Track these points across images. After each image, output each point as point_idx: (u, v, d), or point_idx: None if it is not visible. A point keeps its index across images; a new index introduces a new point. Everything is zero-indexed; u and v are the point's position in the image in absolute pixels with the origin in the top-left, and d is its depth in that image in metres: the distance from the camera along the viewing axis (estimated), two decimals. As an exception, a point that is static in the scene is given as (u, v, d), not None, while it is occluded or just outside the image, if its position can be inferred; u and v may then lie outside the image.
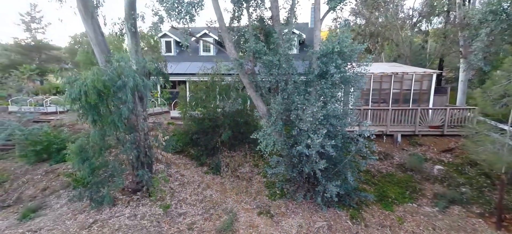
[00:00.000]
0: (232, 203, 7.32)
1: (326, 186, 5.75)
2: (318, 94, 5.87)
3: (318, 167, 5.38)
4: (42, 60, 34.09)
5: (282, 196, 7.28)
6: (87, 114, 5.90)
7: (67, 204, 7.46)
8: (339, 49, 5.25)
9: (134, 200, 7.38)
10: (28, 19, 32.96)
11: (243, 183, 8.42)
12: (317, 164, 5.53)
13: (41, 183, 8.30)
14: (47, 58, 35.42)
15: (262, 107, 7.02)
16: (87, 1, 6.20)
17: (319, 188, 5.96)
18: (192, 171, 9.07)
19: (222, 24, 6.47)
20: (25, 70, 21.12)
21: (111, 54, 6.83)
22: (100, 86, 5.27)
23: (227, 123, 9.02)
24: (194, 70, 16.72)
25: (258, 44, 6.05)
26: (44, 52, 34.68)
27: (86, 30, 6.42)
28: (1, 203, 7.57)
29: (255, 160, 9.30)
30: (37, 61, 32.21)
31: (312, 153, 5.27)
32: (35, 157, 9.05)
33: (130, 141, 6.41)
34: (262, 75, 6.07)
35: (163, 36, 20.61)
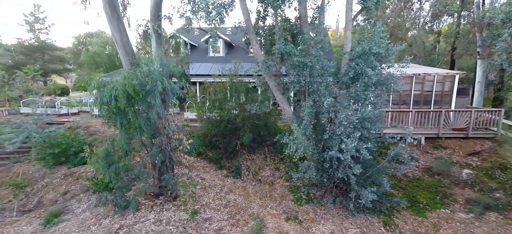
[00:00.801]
0: (257, 208, 7.15)
1: (360, 192, 5.57)
2: (350, 96, 5.69)
3: (353, 172, 5.21)
4: (45, 61, 34.11)
5: (308, 201, 7.10)
6: (115, 119, 5.77)
7: (89, 208, 7.34)
8: (376, 50, 5.07)
9: (157, 204, 7.24)
10: (32, 19, 32.98)
11: (266, 187, 8.25)
12: (350, 169, 5.36)
13: (61, 186, 8.19)
14: (50, 59, 35.44)
15: (288, 110, 6.85)
16: (114, 2, 6.07)
17: (351, 194, 5.79)
18: (212, 174, 8.92)
19: (249, 25, 6.32)
20: (29, 71, 21.07)
21: (135, 56, 6.70)
22: (130, 90, 5.13)
23: (247, 125, 8.86)
24: (205, 71, 16.62)
25: (288, 46, 5.89)
26: (47, 53, 34.71)
27: (112, 32, 6.29)
28: (22, 208, 7.46)
29: (276, 163, 9.13)
30: (40, 61, 32.21)
31: (347, 158, 5.10)
32: (54, 160, 8.95)
33: (157, 144, 6.27)
34: (291, 77, 5.91)
35: (172, 37, 20.52)
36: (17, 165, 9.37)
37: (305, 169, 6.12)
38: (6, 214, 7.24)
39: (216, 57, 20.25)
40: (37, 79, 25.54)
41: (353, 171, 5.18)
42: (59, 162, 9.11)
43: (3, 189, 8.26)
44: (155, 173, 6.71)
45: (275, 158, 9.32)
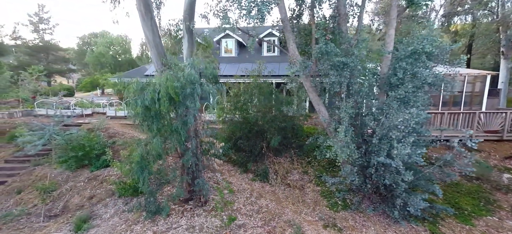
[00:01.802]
0: (291, 214, 6.89)
1: (409, 199, 5.29)
2: (397, 98, 5.41)
3: (404, 179, 4.93)
4: (49, 61, 34.02)
5: (345, 207, 6.83)
6: (151, 122, 5.54)
7: (117, 213, 7.13)
8: (430, 49, 4.79)
9: (187, 209, 7.01)
10: (36, 19, 32.86)
11: (296, 191, 7.99)
12: (400, 175, 5.08)
13: (86, 190, 8.00)
14: (54, 59, 35.29)
15: (324, 113, 6.59)
16: (148, 1, 5.85)
17: (397, 201, 5.50)
18: (238, 178, 8.67)
19: (287, 24, 6.06)
20: (34, 71, 20.95)
21: (166, 57, 6.48)
22: (172, 93, 4.91)
23: (274, 127, 8.61)
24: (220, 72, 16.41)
25: (329, 45, 5.63)
26: (52, 53, 34.59)
27: (144, 32, 6.07)
28: (48, 213, 7.28)
29: (304, 167, 8.87)
30: (44, 62, 32.11)
31: (399, 164, 4.82)
32: (76, 163, 8.77)
33: (191, 148, 6.04)
34: (332, 78, 5.64)
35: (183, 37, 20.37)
36: (38, 168, 9.21)
37: (346, 174, 5.85)
38: (32, 219, 7.06)
39: (227, 58, 20.03)
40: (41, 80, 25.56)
41: (404, 178, 4.91)
42: (81, 164, 8.93)
43: (26, 193, 8.10)
44: (188, 177, 6.47)
45: (302, 161, 9.06)
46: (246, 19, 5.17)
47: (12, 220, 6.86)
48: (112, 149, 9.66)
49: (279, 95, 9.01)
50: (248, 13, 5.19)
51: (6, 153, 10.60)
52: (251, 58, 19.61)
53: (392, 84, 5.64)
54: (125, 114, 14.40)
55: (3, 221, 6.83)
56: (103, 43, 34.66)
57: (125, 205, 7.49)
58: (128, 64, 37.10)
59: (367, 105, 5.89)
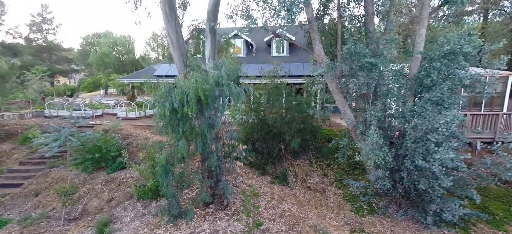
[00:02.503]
0: (315, 218, 6.74)
1: (444, 205, 5.13)
2: (430, 100, 5.25)
3: (443, 184, 4.77)
4: (53, 62, 33.98)
5: (371, 211, 6.67)
6: (177, 125, 5.43)
7: (137, 217, 7.03)
8: (469, 49, 4.63)
9: (209, 213, 6.88)
10: (40, 20, 32.79)
11: (317, 195, 7.84)
12: (436, 181, 4.92)
13: (104, 193, 7.91)
14: (57, 59, 35.21)
15: (350, 115, 6.44)
16: (173, 1, 5.73)
17: (432, 206, 5.34)
18: (256, 180, 8.54)
19: (313, 25, 5.92)
20: (37, 71, 20.93)
21: (188, 58, 6.36)
22: (201, 95, 4.79)
23: (293, 129, 8.46)
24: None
25: (358, 46, 5.48)
26: (55, 53, 34.53)
27: (168, 32, 5.96)
28: (67, 216, 7.19)
29: (323, 169, 8.72)
30: (47, 62, 32.06)
31: (438, 168, 4.66)
32: (93, 165, 8.69)
33: (216, 151, 5.92)
34: (361, 79, 5.49)
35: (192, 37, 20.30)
36: (53, 170, 9.14)
37: (376, 178, 5.70)
38: (52, 222, 6.98)
39: (235, 58, 19.88)
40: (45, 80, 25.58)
41: (441, 183, 4.75)
42: (97, 167, 8.84)
43: (44, 196, 8.02)
44: (211, 181, 6.35)
45: (321, 164, 8.91)
46: (274, 19, 5.04)
47: (32, 224, 6.77)
48: (126, 150, 9.57)
49: (297, 96, 8.87)
50: (277, 14, 5.05)
51: (20, 155, 10.55)
52: (259, 58, 19.49)
53: (423, 86, 5.48)
54: (136, 115, 14.34)
55: (23, 225, 6.75)
56: (106, 43, 34.57)
57: (144, 208, 7.39)
58: (131, 65, 37.08)
59: (396, 108, 5.72)
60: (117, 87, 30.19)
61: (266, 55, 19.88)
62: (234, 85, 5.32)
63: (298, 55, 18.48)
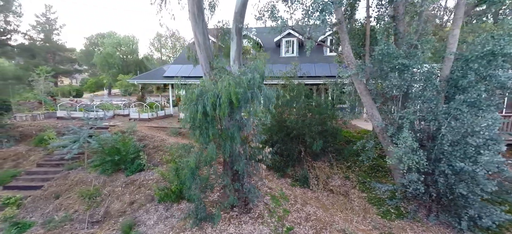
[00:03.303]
0: (342, 222, 6.63)
1: (482, 210, 4.99)
2: (466, 102, 5.11)
3: (486, 189, 4.64)
4: (56, 62, 34.06)
5: (399, 215, 6.54)
6: (207, 128, 5.35)
7: (161, 219, 6.96)
8: (510, 50, 4.49)
9: (233, 217, 6.80)
10: (43, 20, 32.81)
11: (340, 198, 7.73)
12: (477, 185, 4.78)
13: (125, 195, 7.86)
14: (60, 60, 35.24)
15: (377, 117, 6.32)
16: (201, 2, 5.66)
17: (470, 211, 5.20)
18: (276, 183, 8.44)
19: (343, 26, 5.81)
20: (41, 72, 21.02)
21: (214, 59, 6.28)
22: (234, 98, 4.70)
23: (314, 131, 8.36)
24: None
25: (390, 46, 5.36)
26: (58, 54, 34.60)
27: (195, 35, 5.89)
28: (90, 218, 7.15)
29: (344, 172, 8.60)
30: (51, 63, 32.10)
31: (482, 172, 4.53)
32: (112, 167, 8.65)
33: (244, 154, 5.84)
34: (394, 81, 5.37)
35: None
36: (72, 172, 9.12)
37: (409, 181, 5.57)
38: (76, 225, 6.94)
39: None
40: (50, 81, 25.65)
41: (485, 188, 4.61)
42: (117, 169, 8.80)
43: (64, 198, 7.99)
44: (238, 184, 6.27)
45: (342, 166, 8.79)
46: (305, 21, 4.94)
47: (56, 227, 6.74)
48: (144, 152, 9.53)
49: (317, 97, 8.76)
50: (309, 16, 4.96)
51: (37, 157, 10.56)
52: (268, 59, 19.37)
53: (457, 87, 5.34)
54: (148, 116, 14.31)
55: (47, 228, 6.72)
56: (110, 43, 34.53)
57: (166, 211, 7.32)
58: (135, 65, 37.08)
59: (428, 109, 5.58)
60: (125, 87, 30.26)
61: (275, 56, 19.76)
62: (266, 87, 5.23)
63: (308, 56, 18.38)
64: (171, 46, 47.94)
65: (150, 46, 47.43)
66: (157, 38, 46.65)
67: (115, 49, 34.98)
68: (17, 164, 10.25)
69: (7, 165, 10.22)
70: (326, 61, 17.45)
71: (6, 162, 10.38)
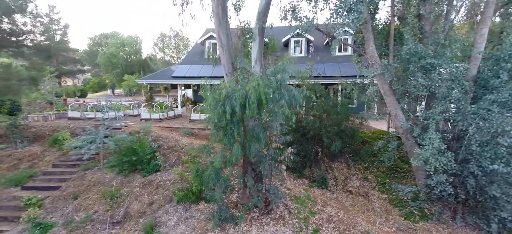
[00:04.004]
0: (364, 224, 6.56)
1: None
2: (496, 102, 5.02)
3: (518, 191, 4.56)
4: (60, 62, 34.19)
5: (423, 217, 6.46)
6: (231, 128, 5.33)
7: (181, 220, 6.94)
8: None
9: (254, 218, 6.76)
10: (47, 20, 32.89)
11: (360, 199, 7.66)
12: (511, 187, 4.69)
13: (143, 196, 7.85)
14: (64, 60, 35.33)
15: (401, 117, 6.24)
16: (225, 3, 5.63)
17: (501, 213, 5.11)
18: (294, 184, 8.39)
19: (368, 25, 5.75)
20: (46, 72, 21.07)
21: (235, 60, 6.25)
22: (263, 99, 4.67)
23: (331, 131, 8.29)
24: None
25: (418, 46, 5.29)
26: (62, 54, 34.71)
27: (219, 35, 5.86)
28: (110, 219, 7.16)
29: (362, 173, 8.52)
30: (55, 63, 32.19)
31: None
32: (129, 168, 8.66)
33: (269, 155, 5.80)
34: (422, 80, 5.29)
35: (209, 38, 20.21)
36: (88, 172, 9.14)
37: (437, 183, 5.49)
38: (97, 226, 6.95)
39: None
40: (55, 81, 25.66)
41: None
42: (133, 169, 8.81)
43: (83, 199, 8.00)
44: (261, 185, 6.24)
45: (359, 167, 8.72)
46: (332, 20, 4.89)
47: (78, 228, 6.75)
48: (159, 153, 9.52)
49: (334, 98, 8.69)
50: (336, 15, 4.90)
51: (52, 157, 10.61)
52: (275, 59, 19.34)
53: (486, 87, 5.26)
54: (159, 116, 14.33)
55: (69, 228, 6.74)
56: (114, 44, 34.60)
57: (186, 211, 7.30)
58: (139, 65, 37.19)
59: (456, 110, 5.50)
60: (130, 87, 30.38)
61: (283, 55, 19.69)
62: (293, 88, 5.19)
63: (317, 56, 18.29)
64: (174, 46, 48.10)
65: (154, 46, 47.58)
66: (160, 38, 46.79)
67: (118, 49, 35.06)
68: (33, 165, 10.31)
69: (23, 165, 10.29)
70: (334, 61, 17.37)
71: (22, 162, 10.45)
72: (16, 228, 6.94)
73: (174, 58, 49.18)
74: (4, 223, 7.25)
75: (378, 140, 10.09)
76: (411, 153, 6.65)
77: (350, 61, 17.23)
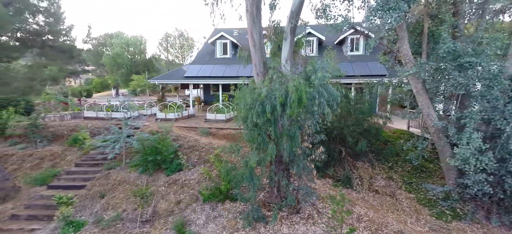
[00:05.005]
0: (396, 224, 6.52)
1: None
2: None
3: None
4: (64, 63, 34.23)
5: (455, 217, 6.41)
6: (268, 128, 5.34)
7: (209, 219, 6.97)
8: None
9: (284, 217, 6.77)
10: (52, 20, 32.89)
11: (387, 198, 7.62)
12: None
13: (169, 195, 7.90)
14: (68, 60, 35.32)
15: (434, 117, 6.20)
16: (260, 2, 5.64)
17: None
18: (318, 183, 8.36)
19: (403, 24, 5.71)
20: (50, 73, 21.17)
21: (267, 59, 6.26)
22: (304, 98, 4.67)
23: (356, 131, 8.26)
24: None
25: (456, 44, 5.25)
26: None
27: (252, 35, 5.88)
28: (139, 218, 7.21)
29: (387, 172, 8.48)
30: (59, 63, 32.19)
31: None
32: (154, 167, 8.72)
33: (303, 154, 5.80)
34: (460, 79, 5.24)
35: (219, 38, 20.28)
36: (112, 172, 9.21)
37: (474, 182, 5.44)
38: (127, 224, 7.01)
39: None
40: None
41: None
42: (157, 168, 8.87)
43: (110, 198, 8.07)
44: (293, 184, 6.24)
45: (383, 166, 8.67)
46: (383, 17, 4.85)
47: (109, 226, 6.82)
48: (181, 152, 9.56)
49: (357, 97, 8.66)
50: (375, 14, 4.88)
51: (73, 156, 10.72)
52: None
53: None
54: (175, 116, 14.40)
55: (100, 226, 6.80)
56: (119, 44, 34.61)
57: (213, 210, 7.33)
58: (143, 65, 37.24)
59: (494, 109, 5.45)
60: (137, 87, 30.54)
61: None
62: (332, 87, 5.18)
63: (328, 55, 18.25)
64: (179, 46, 48.25)
65: (159, 46, 47.68)
66: (165, 38, 46.88)
67: (123, 49, 35.12)
68: (55, 164, 10.42)
69: (45, 164, 10.41)
70: (348, 61, 17.31)
71: (44, 162, 10.57)
72: (48, 226, 7.03)
73: (178, 58, 49.32)
74: (34, 221, 7.35)
75: (399, 139, 10.06)
76: (443, 153, 6.60)
77: (363, 60, 17.19)
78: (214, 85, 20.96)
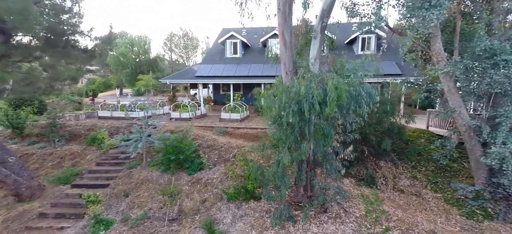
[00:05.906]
0: (426, 223, 6.48)
1: None
2: None
3: None
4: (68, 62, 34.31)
5: (487, 216, 6.35)
6: (302, 127, 5.33)
7: (236, 218, 7.00)
8: None
9: (312, 216, 6.76)
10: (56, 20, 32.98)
11: (413, 198, 7.57)
12: None
13: (193, 194, 7.94)
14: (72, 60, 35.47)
15: (465, 116, 6.14)
16: (292, 1, 5.63)
17: None
18: (339, 183, 8.36)
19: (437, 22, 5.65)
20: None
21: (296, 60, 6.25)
22: (344, 96, 4.65)
23: (379, 130, 8.22)
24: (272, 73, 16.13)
25: (494, 42, 5.19)
26: None
27: (283, 34, 5.86)
28: (165, 216, 7.26)
29: (410, 172, 8.43)
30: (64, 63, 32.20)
31: None
32: (176, 166, 8.77)
33: (333, 153, 5.79)
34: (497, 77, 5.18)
35: (229, 37, 20.30)
36: (134, 171, 9.28)
37: (510, 181, 5.39)
38: (155, 223, 7.06)
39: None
40: None
41: None
42: (179, 167, 8.92)
43: (134, 196, 8.12)
44: (323, 183, 6.24)
45: (406, 166, 8.62)
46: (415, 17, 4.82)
47: (137, 224, 6.87)
48: (202, 152, 9.59)
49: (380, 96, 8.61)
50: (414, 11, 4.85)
51: (93, 156, 10.81)
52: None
53: None
54: (189, 116, 14.45)
55: (129, 225, 6.87)
56: (123, 43, 34.65)
57: (238, 209, 7.35)
58: (148, 65, 37.31)
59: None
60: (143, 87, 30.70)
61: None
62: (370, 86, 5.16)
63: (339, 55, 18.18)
64: (183, 46, 48.36)
65: (163, 46, 47.79)
66: (169, 38, 46.94)
67: (128, 49, 35.17)
68: (75, 163, 10.52)
69: (66, 163, 10.52)
70: (359, 60, 17.22)
71: (64, 161, 10.68)
72: (76, 224, 7.11)
73: (182, 57, 49.45)
74: (63, 220, 7.43)
75: (419, 138, 10.00)
76: (472, 152, 6.53)
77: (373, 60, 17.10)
78: (225, 85, 21.01)
